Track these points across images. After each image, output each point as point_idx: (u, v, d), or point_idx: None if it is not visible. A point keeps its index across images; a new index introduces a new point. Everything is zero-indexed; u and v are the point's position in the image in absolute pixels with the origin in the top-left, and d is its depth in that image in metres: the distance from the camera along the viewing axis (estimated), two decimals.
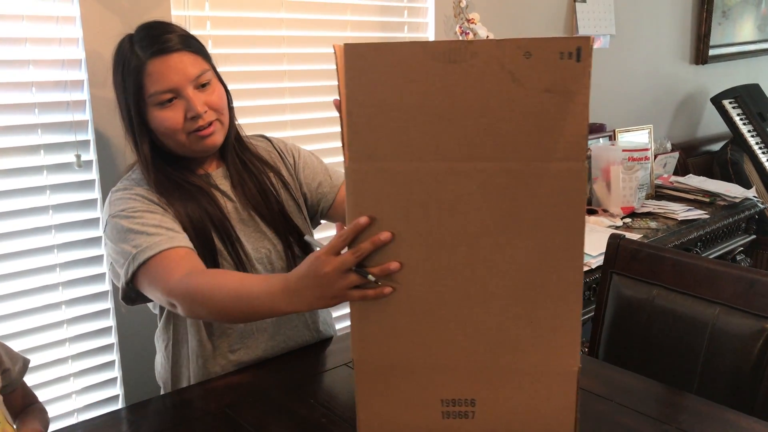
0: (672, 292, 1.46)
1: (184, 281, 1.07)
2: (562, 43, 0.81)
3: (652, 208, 2.53)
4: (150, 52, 1.14)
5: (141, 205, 1.17)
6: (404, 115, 0.81)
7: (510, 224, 0.82)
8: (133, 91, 1.15)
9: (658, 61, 3.29)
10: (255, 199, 1.28)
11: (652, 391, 1.19)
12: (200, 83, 1.17)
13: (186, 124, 1.16)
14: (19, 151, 1.48)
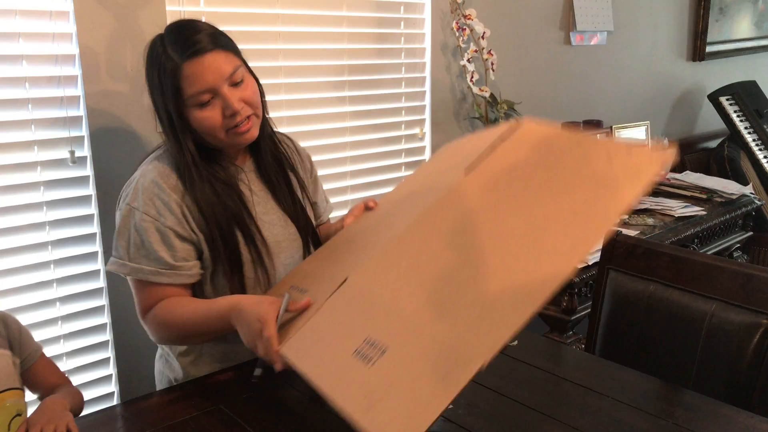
0: (669, 287, 1.45)
1: (151, 317, 1.21)
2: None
3: (649, 204, 2.53)
4: (184, 54, 1.16)
5: (161, 220, 1.20)
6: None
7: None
8: (172, 93, 1.17)
9: (656, 57, 3.29)
10: (282, 194, 1.34)
11: (649, 387, 1.19)
12: (234, 81, 1.20)
13: (224, 121, 1.19)
14: (13, 148, 1.47)
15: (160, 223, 1.19)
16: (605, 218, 0.87)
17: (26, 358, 1.15)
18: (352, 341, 0.89)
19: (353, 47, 2.04)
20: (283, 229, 1.33)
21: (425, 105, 2.28)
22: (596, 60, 2.94)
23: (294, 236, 1.34)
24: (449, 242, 0.97)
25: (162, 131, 1.25)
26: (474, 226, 0.97)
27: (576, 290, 1.97)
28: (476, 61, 2.24)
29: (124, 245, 1.21)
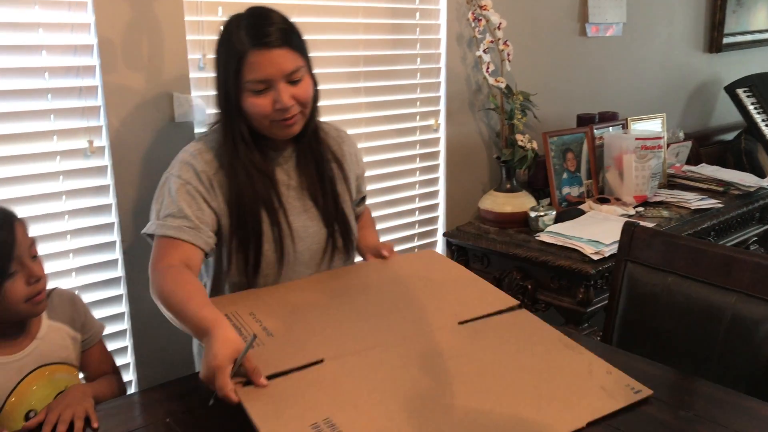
0: (687, 280, 1.45)
1: (158, 271, 1.20)
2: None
3: (665, 197, 2.51)
4: (254, 42, 1.23)
5: (192, 183, 1.28)
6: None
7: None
8: (233, 73, 1.25)
9: (672, 49, 3.26)
10: (313, 185, 1.39)
11: (668, 378, 1.19)
12: (292, 78, 1.27)
13: (273, 112, 1.27)
14: (33, 137, 1.48)
15: (191, 186, 1.27)
16: (573, 418, 0.97)
17: (85, 341, 1.26)
18: (313, 415, 0.94)
19: (369, 38, 2.03)
20: (309, 219, 1.39)
21: (440, 96, 2.27)
22: (612, 51, 2.92)
23: (319, 227, 1.40)
24: (436, 371, 1.07)
25: (216, 106, 1.34)
26: (457, 365, 1.09)
27: (592, 282, 1.96)
28: (492, 51, 2.23)
29: (157, 208, 1.28)
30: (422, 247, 2.34)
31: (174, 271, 1.19)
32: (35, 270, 1.13)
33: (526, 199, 2.29)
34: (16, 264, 1.10)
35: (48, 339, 1.19)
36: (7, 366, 1.14)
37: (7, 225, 1.10)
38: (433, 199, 2.34)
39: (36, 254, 1.15)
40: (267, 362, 1.03)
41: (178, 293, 1.13)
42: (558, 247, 2.06)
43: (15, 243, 1.10)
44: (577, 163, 2.46)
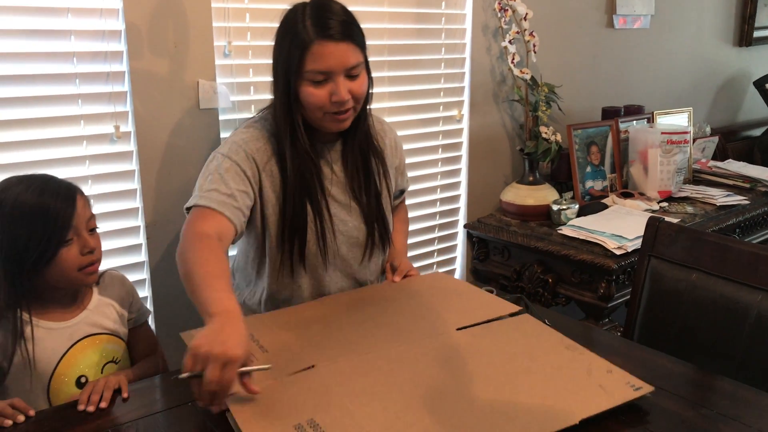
0: (712, 276, 1.43)
1: (191, 235, 1.17)
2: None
3: (690, 192, 2.48)
4: (319, 33, 1.23)
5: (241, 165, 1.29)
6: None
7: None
8: (296, 62, 1.25)
9: (700, 42, 3.20)
10: (357, 182, 1.41)
11: (690, 375, 1.18)
12: (351, 73, 1.28)
13: (329, 104, 1.28)
14: (61, 122, 1.50)
15: (239, 167, 1.29)
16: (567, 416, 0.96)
17: (132, 320, 1.33)
18: (297, 416, 0.95)
19: (393, 27, 2.02)
20: (348, 215, 1.41)
21: (464, 86, 2.26)
22: (639, 44, 2.88)
23: (359, 223, 1.42)
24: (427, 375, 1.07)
25: (273, 92, 1.34)
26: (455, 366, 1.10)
27: (614, 277, 1.94)
28: (517, 42, 2.21)
29: (200, 182, 1.28)
30: (443, 239, 2.34)
31: (209, 241, 1.15)
32: (90, 242, 1.19)
33: (549, 192, 2.27)
34: (72, 233, 1.17)
35: (98, 311, 1.26)
36: (59, 332, 1.21)
37: (69, 196, 1.18)
38: (454, 190, 2.33)
39: (94, 227, 1.22)
40: (258, 374, 1.02)
41: (208, 265, 1.09)
42: (580, 241, 2.04)
43: (74, 213, 1.17)
44: (601, 156, 2.44)
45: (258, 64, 1.75)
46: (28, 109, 1.45)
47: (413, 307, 1.33)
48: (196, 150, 1.67)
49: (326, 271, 1.40)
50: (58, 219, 1.15)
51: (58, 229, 1.15)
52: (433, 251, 2.32)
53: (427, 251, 2.30)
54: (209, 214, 1.22)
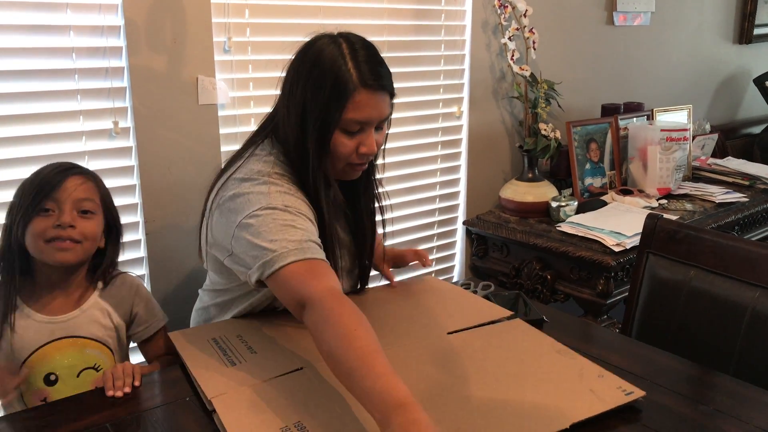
0: (710, 273, 1.43)
1: (329, 296, 0.99)
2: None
3: (689, 189, 2.48)
4: (368, 81, 1.14)
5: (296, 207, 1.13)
6: None
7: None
8: (335, 108, 1.13)
9: (700, 39, 3.20)
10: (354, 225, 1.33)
11: (688, 372, 1.18)
12: (380, 125, 1.21)
13: (353, 155, 1.19)
14: (60, 117, 1.50)
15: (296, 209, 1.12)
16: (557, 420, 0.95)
17: (137, 333, 1.31)
18: (282, 419, 0.95)
19: (393, 23, 2.02)
20: (347, 251, 1.34)
21: (464, 83, 2.26)
22: (639, 41, 2.88)
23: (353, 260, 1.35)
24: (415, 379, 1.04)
25: (289, 128, 1.18)
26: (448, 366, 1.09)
27: (612, 274, 1.94)
28: (517, 39, 2.21)
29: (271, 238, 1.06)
30: (442, 236, 2.34)
31: (352, 309, 0.97)
32: (67, 218, 1.16)
33: (548, 188, 2.27)
34: (52, 203, 1.15)
35: (89, 314, 1.23)
36: (42, 325, 1.20)
37: (64, 170, 1.19)
38: (453, 187, 2.33)
39: (87, 210, 1.19)
40: (246, 375, 1.04)
41: (370, 350, 0.91)
42: (579, 238, 2.04)
43: (60, 186, 1.16)
44: (600, 153, 2.44)
45: (257, 60, 1.75)
46: (27, 104, 1.45)
47: (404, 311, 1.32)
48: (195, 146, 1.67)
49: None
50: (44, 187, 1.15)
51: (39, 196, 1.15)
52: (432, 248, 2.32)
53: (426, 248, 2.30)
54: (320, 267, 1.05)
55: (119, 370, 1.10)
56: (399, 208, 2.17)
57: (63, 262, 1.18)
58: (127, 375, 1.09)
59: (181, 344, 1.18)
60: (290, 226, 1.08)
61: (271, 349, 1.14)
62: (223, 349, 1.15)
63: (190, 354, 1.14)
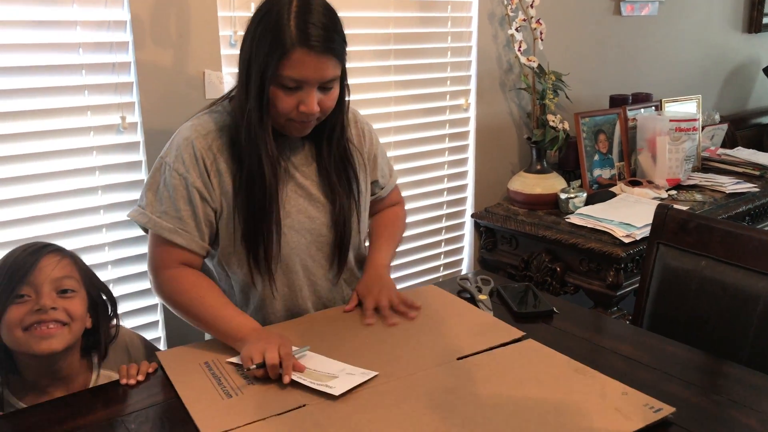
0: (722, 263, 1.42)
1: (165, 277, 1.24)
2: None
3: (699, 180, 2.46)
4: (304, 42, 1.13)
5: (189, 178, 1.22)
6: None
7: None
8: (272, 63, 1.15)
9: (709, 29, 3.17)
10: (328, 187, 1.31)
11: (700, 361, 1.17)
12: (325, 86, 1.20)
13: (294, 112, 1.19)
14: (67, 112, 1.50)
15: (188, 181, 1.21)
16: None
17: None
18: None
19: (399, 15, 2.01)
20: (310, 222, 1.31)
21: (471, 75, 2.25)
22: (647, 31, 2.86)
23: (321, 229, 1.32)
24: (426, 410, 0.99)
25: (241, 84, 1.22)
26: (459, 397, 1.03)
27: (622, 266, 1.93)
28: (524, 30, 2.19)
29: (151, 197, 1.24)
30: (450, 229, 2.33)
31: (186, 277, 1.23)
32: (47, 301, 1.05)
33: (557, 180, 2.26)
34: (28, 289, 1.05)
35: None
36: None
37: (34, 251, 1.09)
38: (461, 179, 2.33)
39: (68, 289, 1.10)
40: (245, 411, 0.98)
41: (204, 299, 1.21)
42: (588, 230, 2.03)
43: (34, 268, 1.06)
44: (609, 144, 2.43)
45: None
46: (34, 99, 1.45)
47: (409, 332, 1.23)
48: None
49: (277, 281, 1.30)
50: (16, 272, 1.05)
51: (11, 282, 1.04)
52: (441, 241, 2.31)
53: (434, 241, 2.29)
54: (167, 246, 1.23)
55: (133, 366, 1.12)
56: (406, 201, 2.16)
57: (49, 350, 1.06)
58: (141, 372, 1.12)
59: (172, 370, 1.11)
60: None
61: (268, 383, 1.06)
62: (217, 377, 1.08)
63: (183, 383, 1.07)
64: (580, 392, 1.02)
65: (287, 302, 1.33)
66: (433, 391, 1.03)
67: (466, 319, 1.30)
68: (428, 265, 2.30)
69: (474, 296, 1.40)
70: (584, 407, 0.98)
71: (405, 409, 0.98)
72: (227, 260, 1.28)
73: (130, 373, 1.11)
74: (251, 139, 1.20)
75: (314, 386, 1.03)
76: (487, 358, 1.14)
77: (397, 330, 1.24)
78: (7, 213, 1.46)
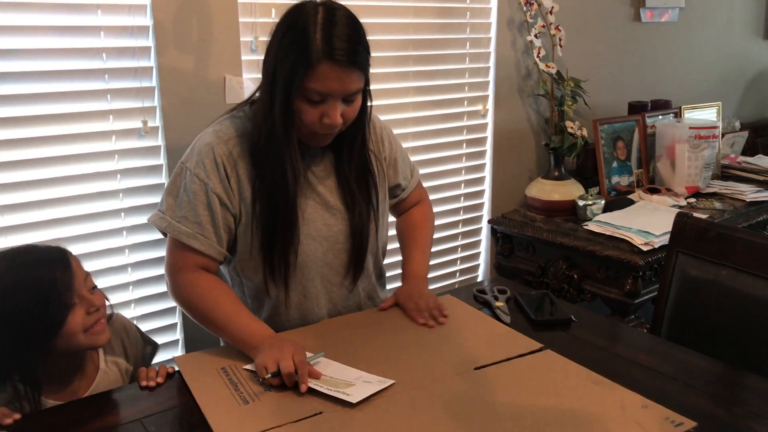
0: (742, 273, 1.40)
1: (182, 281, 1.25)
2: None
3: (718, 188, 2.44)
4: (331, 56, 1.13)
5: (210, 184, 1.23)
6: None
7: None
8: (297, 76, 1.15)
9: (730, 35, 3.15)
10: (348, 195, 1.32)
11: (720, 373, 1.16)
12: (349, 99, 1.20)
13: (317, 123, 1.19)
14: (90, 117, 1.52)
15: (209, 187, 1.22)
16: None
17: (137, 363, 1.27)
18: None
19: (418, 21, 2.02)
20: (327, 229, 1.31)
21: (489, 81, 2.25)
22: (666, 37, 2.84)
23: (338, 236, 1.32)
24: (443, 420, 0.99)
25: (261, 93, 1.23)
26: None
27: (640, 274, 1.92)
28: (543, 36, 2.19)
29: (171, 202, 1.25)
30: (466, 235, 2.33)
31: (203, 280, 1.23)
32: (95, 300, 1.13)
33: (575, 187, 2.25)
34: (75, 296, 1.11)
35: (105, 380, 1.19)
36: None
37: (63, 260, 1.12)
38: (478, 185, 2.32)
39: (94, 286, 1.16)
40: (262, 418, 0.98)
41: (220, 305, 1.21)
42: (606, 237, 2.02)
43: (73, 276, 1.11)
44: (627, 151, 2.41)
45: None
46: (59, 105, 1.48)
47: (426, 341, 1.23)
48: None
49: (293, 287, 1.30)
50: (59, 286, 1.09)
51: (61, 295, 1.08)
52: (457, 246, 2.31)
53: (451, 246, 2.29)
54: (185, 250, 1.23)
55: (152, 369, 1.14)
56: None
57: (104, 343, 1.16)
58: (160, 375, 1.14)
59: (188, 374, 1.13)
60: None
61: (286, 389, 1.07)
62: (234, 383, 1.09)
63: (200, 389, 1.08)
64: (599, 404, 1.01)
65: (302, 310, 1.33)
66: (450, 400, 1.03)
67: (483, 329, 1.29)
68: (444, 271, 2.30)
69: (491, 303, 1.40)
70: (603, 420, 0.97)
71: (422, 419, 0.98)
72: (243, 266, 1.29)
73: (149, 375, 1.13)
74: (275, 151, 1.21)
75: (331, 393, 1.03)
76: (504, 369, 1.13)
77: (414, 339, 1.24)
78: (30, 216, 1.48)
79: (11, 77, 1.41)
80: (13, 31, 1.40)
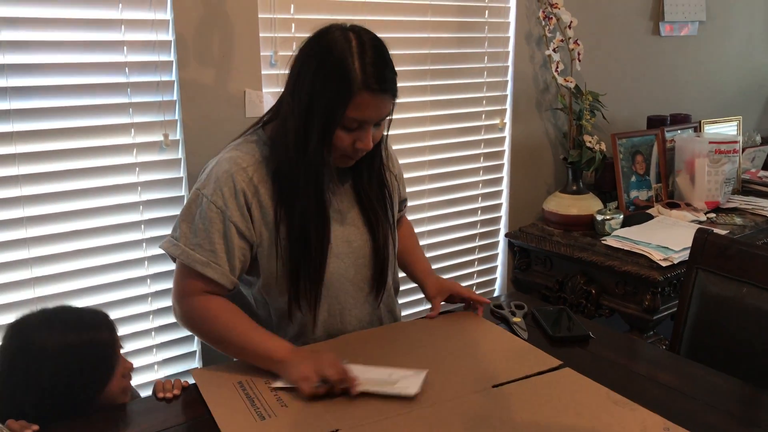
0: (764, 290, 1.39)
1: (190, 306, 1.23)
2: None
3: (739, 203, 2.42)
4: (371, 85, 1.15)
5: (227, 212, 1.22)
6: None
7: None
8: (340, 105, 1.16)
9: (750, 49, 3.13)
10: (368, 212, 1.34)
11: (740, 392, 1.14)
12: (378, 123, 1.23)
13: (349, 148, 1.22)
14: (112, 131, 1.54)
15: (225, 215, 1.21)
16: None
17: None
18: None
19: (436, 36, 2.03)
20: (348, 246, 1.31)
21: (507, 95, 2.25)
22: (686, 51, 2.83)
23: (359, 252, 1.33)
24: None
25: (292, 120, 1.20)
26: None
27: (659, 289, 1.90)
28: (562, 50, 2.19)
29: (185, 229, 1.23)
30: (483, 248, 2.32)
31: (208, 305, 1.22)
32: (129, 364, 1.19)
33: (593, 201, 2.24)
34: (116, 359, 1.15)
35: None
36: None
37: (108, 325, 1.16)
38: (496, 199, 2.32)
39: (122, 346, 1.20)
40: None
41: (235, 327, 1.20)
42: (624, 252, 2.01)
43: (117, 341, 1.17)
44: (646, 166, 2.40)
45: None
46: (82, 119, 1.50)
47: (443, 358, 1.23)
48: None
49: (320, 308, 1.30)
50: (107, 350, 1.14)
51: (109, 359, 1.13)
52: (474, 260, 2.31)
53: (468, 260, 2.29)
54: (195, 276, 1.21)
55: (168, 381, 1.15)
56: (439, 220, 2.17)
57: (128, 400, 1.19)
58: (176, 387, 1.15)
59: (205, 388, 1.13)
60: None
61: (303, 404, 1.07)
62: (250, 398, 1.09)
63: (217, 403, 1.08)
64: (620, 426, 1.00)
65: (328, 327, 1.33)
66: (468, 419, 1.02)
67: (501, 345, 1.29)
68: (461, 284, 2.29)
69: (508, 319, 1.39)
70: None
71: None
72: (268, 290, 1.28)
73: (165, 387, 1.15)
74: (312, 178, 1.21)
75: (388, 392, 1.06)
76: (523, 387, 1.12)
77: (431, 355, 1.24)
78: (53, 228, 1.50)
79: (36, 92, 1.44)
80: (39, 47, 1.43)
